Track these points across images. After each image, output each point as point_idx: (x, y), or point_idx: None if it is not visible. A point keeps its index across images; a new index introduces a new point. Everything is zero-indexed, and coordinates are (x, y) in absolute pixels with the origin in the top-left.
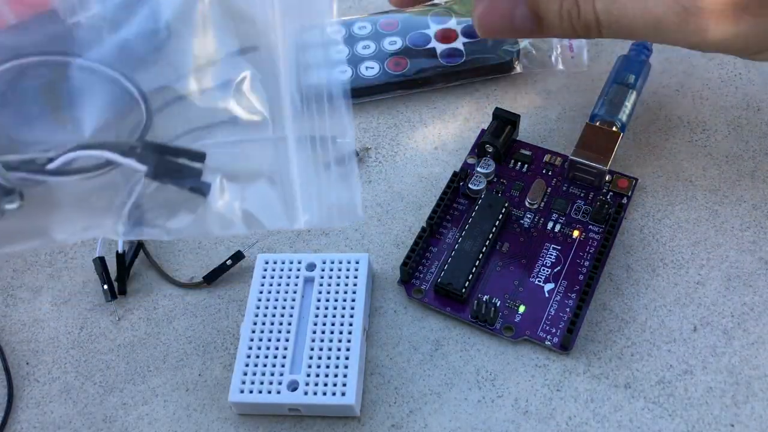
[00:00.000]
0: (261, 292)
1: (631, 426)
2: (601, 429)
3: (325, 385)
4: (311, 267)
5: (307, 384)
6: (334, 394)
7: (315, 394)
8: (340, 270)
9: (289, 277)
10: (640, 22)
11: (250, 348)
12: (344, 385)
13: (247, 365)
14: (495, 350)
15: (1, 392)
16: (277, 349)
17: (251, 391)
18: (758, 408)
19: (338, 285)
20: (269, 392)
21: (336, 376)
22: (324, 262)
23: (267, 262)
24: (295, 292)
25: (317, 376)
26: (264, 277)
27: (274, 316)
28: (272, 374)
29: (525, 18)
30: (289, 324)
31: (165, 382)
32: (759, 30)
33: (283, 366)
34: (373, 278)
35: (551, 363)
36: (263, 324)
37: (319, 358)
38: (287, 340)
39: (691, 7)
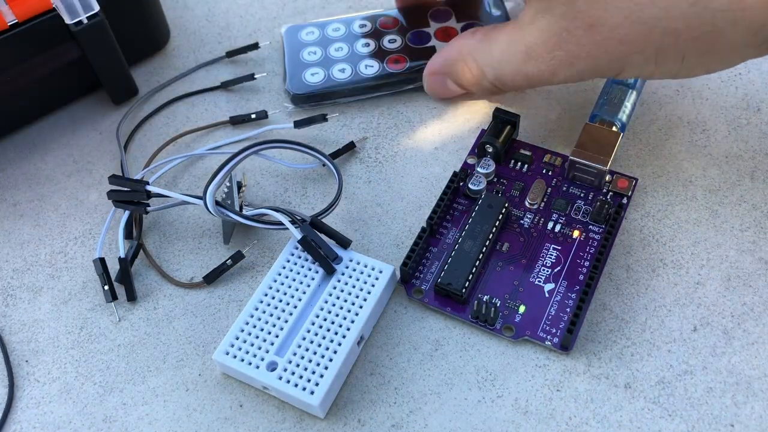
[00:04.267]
0: (284, 267)
1: (631, 426)
2: (601, 429)
3: (300, 377)
4: (338, 260)
5: (285, 369)
6: (304, 389)
7: (288, 382)
8: (362, 273)
9: (314, 262)
10: (520, 81)
11: (251, 316)
12: (316, 384)
13: (242, 330)
14: (495, 350)
15: (2, 392)
16: (273, 326)
17: (234, 357)
18: (758, 408)
19: (353, 287)
20: (249, 364)
21: (313, 372)
22: (351, 260)
23: None
24: (313, 279)
25: (297, 366)
26: (293, 254)
27: (285, 294)
28: (259, 348)
29: (453, 86)
30: (295, 307)
31: (165, 382)
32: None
33: (271, 344)
34: (395, 288)
35: (551, 363)
36: (272, 298)
37: (306, 349)
38: (286, 321)
39: (535, 70)
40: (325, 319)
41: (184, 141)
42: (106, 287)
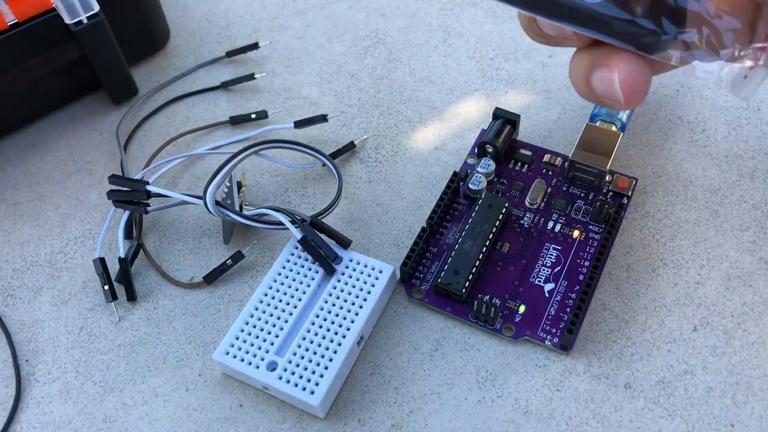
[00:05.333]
0: (284, 267)
1: (631, 426)
2: (601, 429)
3: (300, 377)
4: (338, 260)
5: (285, 369)
6: (304, 389)
7: (288, 382)
8: (362, 273)
9: (314, 262)
10: None
11: (251, 316)
12: (317, 384)
13: (242, 331)
14: (495, 350)
15: (5, 392)
16: (273, 326)
17: (234, 357)
18: (758, 408)
19: (353, 287)
20: (249, 364)
21: (313, 372)
22: (351, 260)
23: None
24: (313, 279)
25: (297, 366)
26: (293, 254)
27: (285, 294)
28: (259, 348)
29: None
30: (294, 307)
31: (165, 382)
32: None
33: (272, 344)
34: (395, 288)
35: (551, 363)
36: (272, 298)
37: (306, 350)
38: (285, 322)
39: None
40: (325, 319)
41: (184, 141)
42: (106, 287)
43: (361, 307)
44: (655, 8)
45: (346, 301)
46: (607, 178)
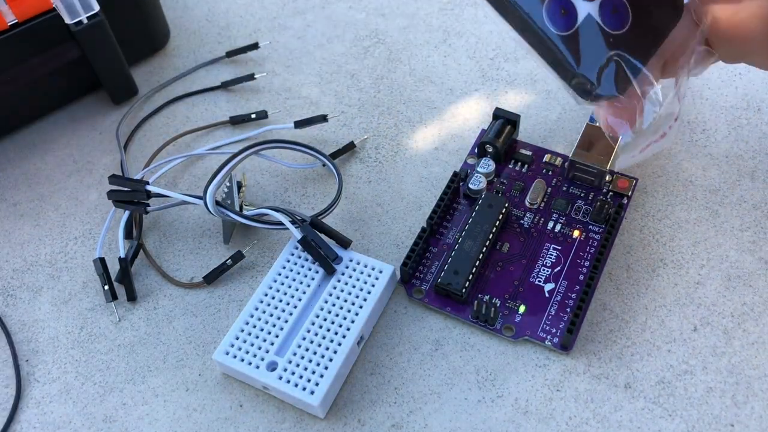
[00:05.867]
0: (284, 267)
1: (631, 426)
2: (601, 429)
3: (300, 377)
4: (338, 260)
5: (285, 370)
6: (304, 389)
7: (288, 382)
8: (362, 273)
9: (314, 263)
10: None
11: (251, 316)
12: (317, 384)
13: (242, 330)
14: (495, 350)
15: (5, 392)
16: (273, 326)
17: (234, 357)
18: (758, 408)
19: (353, 287)
20: (249, 364)
21: (313, 372)
22: (351, 260)
23: None
24: (313, 279)
25: (297, 366)
26: (293, 254)
27: (285, 294)
28: (259, 348)
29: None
30: (294, 307)
31: (165, 382)
32: None
33: (272, 344)
34: (395, 288)
35: (551, 363)
36: (272, 298)
37: (306, 350)
38: (285, 322)
39: None
40: (325, 319)
41: (184, 141)
42: (106, 287)
43: (361, 307)
44: (604, 66)
45: (346, 301)
46: (607, 178)
